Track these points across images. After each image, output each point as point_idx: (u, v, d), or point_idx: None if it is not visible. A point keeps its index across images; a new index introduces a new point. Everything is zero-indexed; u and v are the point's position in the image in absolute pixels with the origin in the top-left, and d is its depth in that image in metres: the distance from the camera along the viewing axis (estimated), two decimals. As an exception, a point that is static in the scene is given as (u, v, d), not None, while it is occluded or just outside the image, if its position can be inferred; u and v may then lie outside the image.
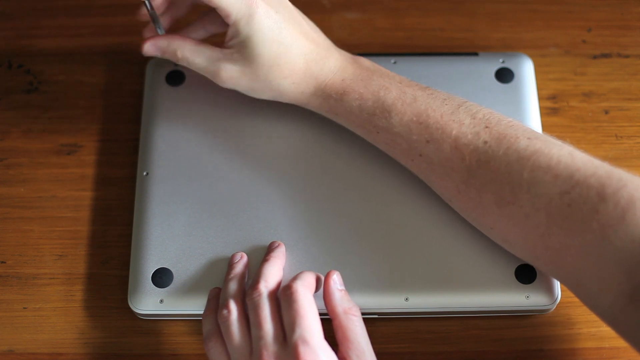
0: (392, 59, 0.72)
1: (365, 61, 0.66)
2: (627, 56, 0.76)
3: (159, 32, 0.67)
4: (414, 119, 0.61)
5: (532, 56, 0.74)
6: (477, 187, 0.59)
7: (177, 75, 0.72)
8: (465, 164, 0.59)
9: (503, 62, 0.72)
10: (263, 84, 0.65)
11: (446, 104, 0.62)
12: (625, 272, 0.52)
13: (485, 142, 0.59)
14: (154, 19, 0.65)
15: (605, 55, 0.76)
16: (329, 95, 0.64)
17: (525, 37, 0.77)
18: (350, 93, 0.64)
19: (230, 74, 0.64)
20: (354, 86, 0.64)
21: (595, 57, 0.76)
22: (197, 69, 0.65)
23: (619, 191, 0.53)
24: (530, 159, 0.57)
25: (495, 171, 0.58)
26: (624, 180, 0.54)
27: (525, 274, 0.64)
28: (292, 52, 0.63)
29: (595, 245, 0.53)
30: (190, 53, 0.65)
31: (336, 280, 0.61)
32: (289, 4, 0.64)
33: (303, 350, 0.54)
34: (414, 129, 0.61)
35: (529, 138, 0.58)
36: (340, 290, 0.60)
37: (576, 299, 0.65)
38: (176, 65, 0.72)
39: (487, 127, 0.60)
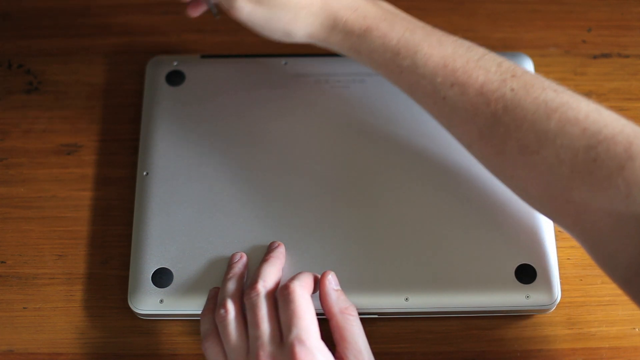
0: (392, 59, 0.72)
1: (385, 4, 0.65)
2: (627, 56, 0.76)
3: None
4: (440, 62, 0.60)
5: (532, 56, 0.74)
6: (502, 133, 0.58)
7: (177, 75, 0.72)
8: (491, 110, 0.58)
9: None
10: (280, 13, 0.63)
11: (472, 51, 0.61)
12: None
13: (513, 90, 0.58)
14: None
15: (605, 55, 0.76)
16: (351, 31, 0.63)
17: (525, 37, 0.77)
18: (373, 30, 0.63)
19: (247, 2, 0.63)
20: (377, 24, 0.63)
21: (595, 57, 0.76)
22: None
23: None
24: (558, 110, 0.56)
25: (521, 119, 0.57)
26: None
27: (525, 274, 0.64)
28: None
29: (618, 203, 0.52)
30: None
31: (331, 281, 0.61)
32: None
33: (299, 351, 0.54)
34: (439, 71, 0.60)
35: (555, 90, 0.57)
36: (336, 290, 0.60)
37: (576, 299, 0.66)
38: (176, 64, 0.72)
39: (513, 75, 0.59)
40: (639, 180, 0.52)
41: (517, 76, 0.59)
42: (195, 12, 0.68)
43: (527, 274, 0.64)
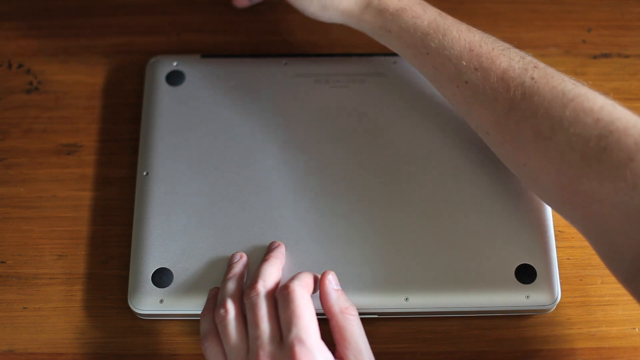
0: (392, 59, 0.72)
1: None
2: (627, 56, 0.76)
3: None
4: (467, 46, 0.62)
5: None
6: (517, 119, 0.59)
7: (177, 75, 0.72)
8: (509, 96, 0.60)
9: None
10: None
11: (497, 42, 0.63)
12: None
13: (532, 78, 0.59)
14: None
15: (605, 55, 0.76)
16: (385, 9, 0.65)
17: (525, 37, 0.77)
18: (407, 10, 0.65)
19: None
20: (411, 6, 0.65)
21: (595, 57, 0.76)
22: None
23: None
24: (574, 100, 0.57)
25: (537, 105, 0.58)
26: None
27: (525, 274, 0.64)
28: None
29: (625, 194, 0.53)
30: None
31: (332, 280, 0.61)
32: None
33: (299, 350, 0.54)
34: (465, 55, 0.62)
35: (574, 83, 0.59)
36: (337, 290, 0.60)
37: (576, 299, 0.66)
38: (176, 64, 0.72)
39: (535, 67, 0.60)
40: None
41: (539, 68, 0.60)
42: (241, 2, 0.73)
43: (527, 274, 0.64)
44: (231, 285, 0.61)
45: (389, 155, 0.68)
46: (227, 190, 0.67)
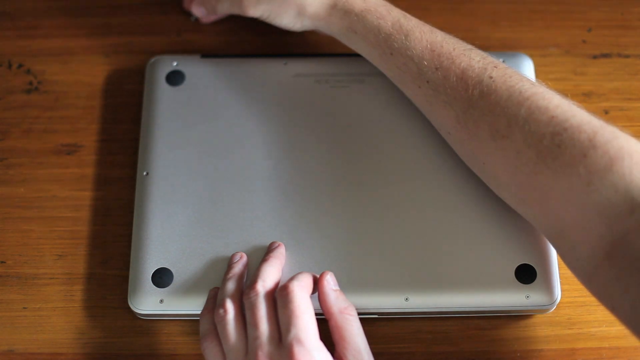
0: (392, 59, 0.72)
1: None
2: (627, 56, 0.76)
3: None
4: (428, 46, 0.63)
5: (532, 56, 0.73)
6: (476, 117, 0.60)
7: (177, 75, 0.72)
8: (468, 94, 0.61)
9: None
10: None
11: (460, 43, 0.64)
12: (606, 224, 0.52)
13: (491, 77, 0.60)
14: None
15: (605, 55, 0.76)
16: (351, 10, 0.66)
17: (525, 37, 0.77)
18: (371, 12, 0.66)
19: None
20: (376, 7, 0.66)
21: (595, 57, 0.76)
22: None
23: (610, 141, 0.54)
24: (530, 99, 0.58)
25: (494, 104, 0.59)
26: (616, 133, 0.55)
27: (525, 274, 0.64)
28: None
29: (579, 191, 0.54)
30: None
31: (330, 281, 0.61)
32: None
33: (298, 351, 0.54)
34: (426, 55, 0.63)
35: (532, 83, 0.60)
36: (335, 290, 0.60)
37: (576, 299, 0.66)
38: (176, 64, 0.72)
39: (495, 67, 0.61)
40: (600, 169, 0.53)
41: (499, 68, 0.61)
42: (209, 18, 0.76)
43: (527, 274, 0.64)
44: (231, 286, 0.61)
45: (389, 154, 0.68)
46: (227, 190, 0.67)
